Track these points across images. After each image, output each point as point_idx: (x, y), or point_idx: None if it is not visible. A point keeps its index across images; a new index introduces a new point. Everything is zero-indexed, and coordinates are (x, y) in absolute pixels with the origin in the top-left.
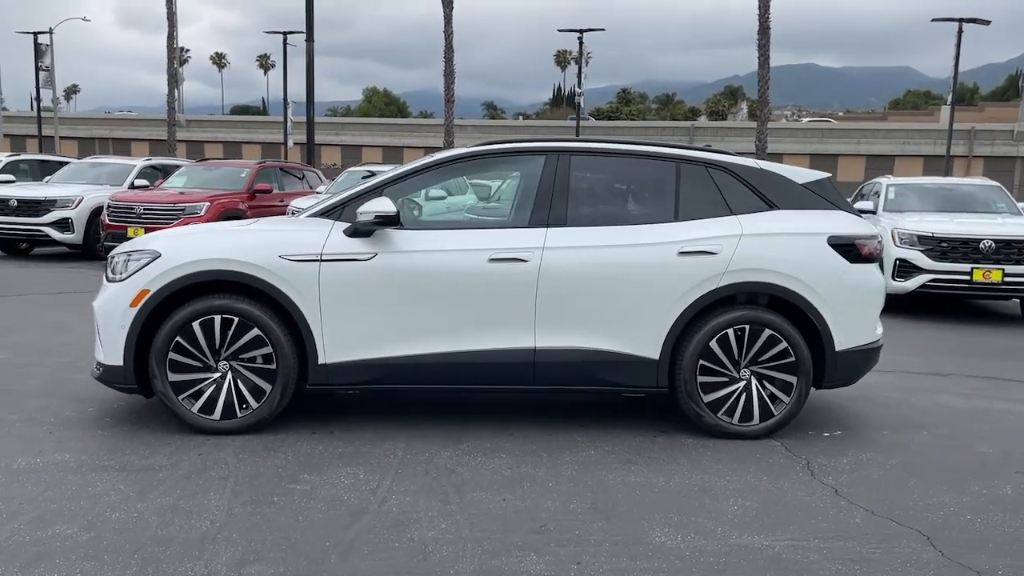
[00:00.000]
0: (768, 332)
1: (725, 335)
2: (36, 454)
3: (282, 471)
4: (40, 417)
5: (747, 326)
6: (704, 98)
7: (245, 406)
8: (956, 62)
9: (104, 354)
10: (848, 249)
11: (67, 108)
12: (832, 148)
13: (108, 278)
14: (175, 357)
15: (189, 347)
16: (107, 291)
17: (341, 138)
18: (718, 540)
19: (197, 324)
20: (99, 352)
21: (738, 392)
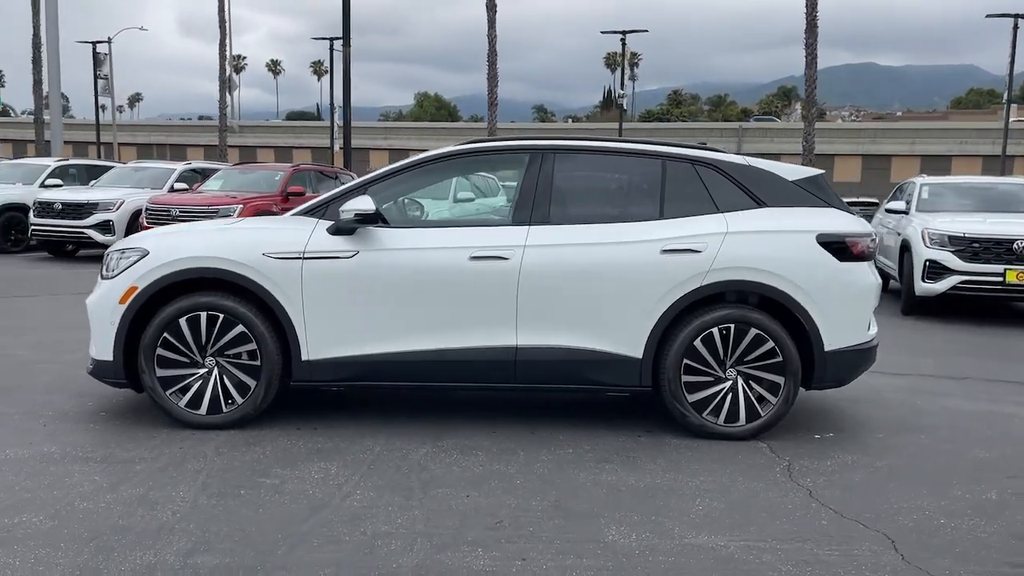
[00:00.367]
0: (754, 331)
1: (710, 334)
2: (25, 446)
3: (256, 465)
4: (39, 411)
5: (732, 325)
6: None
7: (231, 401)
8: (1012, 59)
9: (96, 349)
10: (838, 247)
11: (130, 115)
12: (885, 148)
13: (102, 275)
14: (163, 353)
15: (176, 343)
16: (100, 288)
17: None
18: (673, 540)
19: (184, 321)
20: (92, 347)
21: (724, 392)
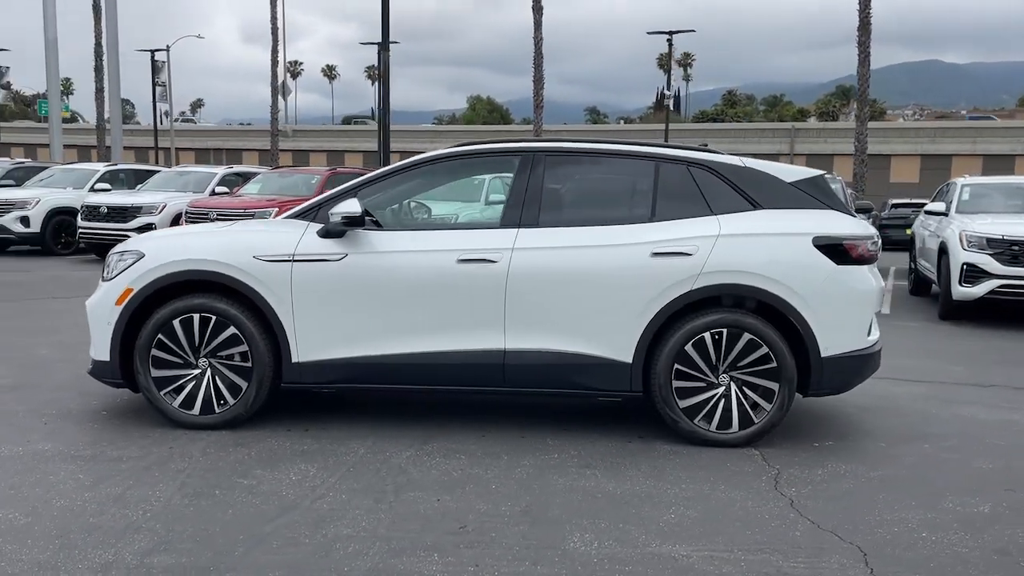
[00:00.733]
0: (747, 336)
1: (701, 339)
2: (22, 443)
3: (239, 465)
4: (44, 409)
5: (725, 330)
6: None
7: (223, 402)
8: None
9: (95, 350)
10: (836, 250)
11: (194, 120)
12: (945, 148)
13: (103, 277)
14: (157, 354)
15: (170, 344)
16: (99, 289)
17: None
18: (636, 548)
19: (177, 322)
20: (91, 348)
21: (716, 398)
